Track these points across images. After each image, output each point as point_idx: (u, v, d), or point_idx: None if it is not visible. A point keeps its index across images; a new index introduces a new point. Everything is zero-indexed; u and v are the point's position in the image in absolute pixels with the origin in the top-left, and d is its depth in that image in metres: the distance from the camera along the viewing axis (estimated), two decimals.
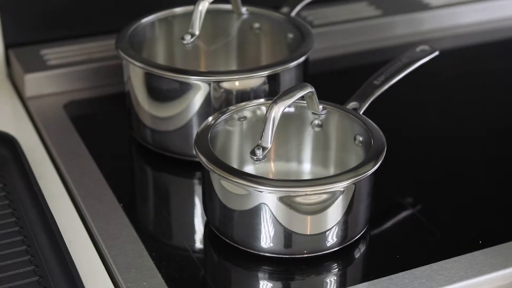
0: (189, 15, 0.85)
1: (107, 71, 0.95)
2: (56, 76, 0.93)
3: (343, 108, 0.75)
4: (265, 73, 0.79)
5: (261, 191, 0.66)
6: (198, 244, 0.73)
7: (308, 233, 0.67)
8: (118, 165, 0.83)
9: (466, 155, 0.85)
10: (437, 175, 0.82)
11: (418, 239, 0.73)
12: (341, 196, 0.67)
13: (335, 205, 0.67)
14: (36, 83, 0.93)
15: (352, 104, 0.76)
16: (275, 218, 0.66)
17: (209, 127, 0.71)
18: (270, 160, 0.77)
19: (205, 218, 0.74)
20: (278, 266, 0.69)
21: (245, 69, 0.84)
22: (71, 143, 0.84)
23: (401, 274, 0.67)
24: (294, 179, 0.76)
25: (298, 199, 0.66)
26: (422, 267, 0.68)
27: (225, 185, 0.67)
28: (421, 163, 0.84)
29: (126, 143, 0.87)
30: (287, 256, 0.68)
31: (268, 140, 0.68)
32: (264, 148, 0.68)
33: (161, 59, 0.90)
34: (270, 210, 0.66)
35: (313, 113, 0.75)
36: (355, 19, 1.06)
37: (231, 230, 0.69)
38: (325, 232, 0.68)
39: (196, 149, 0.69)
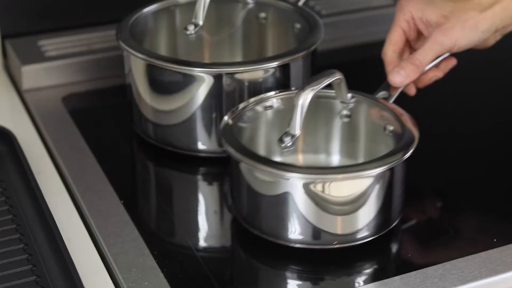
0: (192, 5, 0.85)
1: (107, 63, 0.94)
2: (54, 68, 0.93)
3: (372, 97, 0.75)
4: (272, 65, 0.79)
5: (288, 179, 0.66)
6: (202, 242, 0.73)
7: (339, 222, 0.67)
8: (119, 160, 0.83)
9: (484, 150, 0.84)
10: (455, 171, 0.81)
11: (431, 237, 0.72)
12: (373, 185, 0.66)
13: (366, 194, 0.67)
14: (34, 75, 0.93)
15: (381, 94, 0.76)
16: (305, 207, 0.66)
17: (235, 117, 0.72)
18: (298, 152, 0.77)
19: (208, 216, 0.74)
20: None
21: (250, 61, 0.83)
22: (70, 137, 0.84)
23: (413, 273, 0.66)
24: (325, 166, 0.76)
25: (329, 187, 0.66)
26: (434, 266, 0.67)
27: (254, 175, 0.67)
28: (441, 158, 0.83)
29: (127, 137, 0.87)
30: (317, 247, 0.68)
31: (297, 127, 0.68)
32: (292, 136, 0.68)
33: (163, 50, 0.89)
34: (300, 198, 0.66)
35: (341, 102, 0.75)
36: (365, 9, 1.06)
37: (259, 221, 0.69)
38: (356, 222, 0.68)
39: (223, 140, 0.69)
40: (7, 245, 0.67)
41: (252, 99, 0.75)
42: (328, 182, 0.65)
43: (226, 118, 0.72)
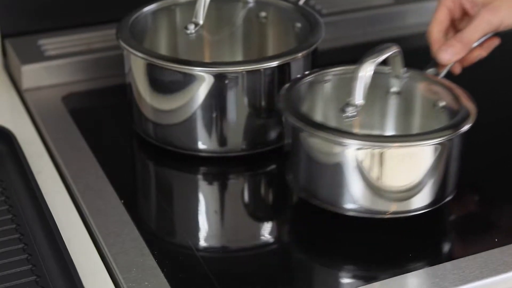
0: (192, 4, 0.85)
1: (107, 62, 0.94)
2: (54, 67, 0.93)
3: (424, 73, 0.77)
4: (272, 64, 0.78)
5: (347, 145, 0.68)
6: (202, 242, 0.72)
7: (394, 194, 0.69)
8: (119, 160, 0.83)
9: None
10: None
11: (431, 237, 0.72)
12: (429, 156, 0.68)
13: (422, 166, 0.68)
14: (34, 74, 0.92)
15: (430, 71, 0.78)
16: (361, 176, 0.68)
17: (292, 90, 0.73)
18: (353, 127, 0.78)
19: (208, 216, 0.74)
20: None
21: (251, 60, 0.83)
22: (70, 137, 0.84)
23: (413, 273, 0.66)
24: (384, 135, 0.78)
25: (386, 155, 0.67)
26: (435, 266, 0.67)
27: (314, 142, 0.69)
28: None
29: (127, 137, 0.87)
30: (370, 216, 0.70)
31: (360, 96, 0.70)
32: (354, 106, 0.70)
33: (163, 49, 0.89)
34: (357, 167, 0.68)
35: (394, 77, 0.76)
36: (365, 8, 1.06)
37: (317, 189, 0.71)
38: (410, 193, 0.69)
39: (285, 111, 0.71)
40: (7, 245, 0.67)
41: (307, 73, 0.76)
42: (386, 150, 0.67)
43: (284, 90, 0.74)
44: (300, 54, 0.79)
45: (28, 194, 0.72)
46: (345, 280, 0.68)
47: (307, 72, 0.77)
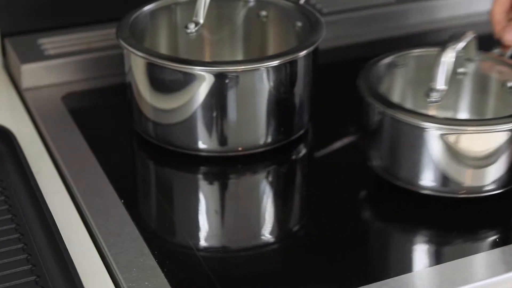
0: (193, 3, 0.85)
1: (107, 61, 0.94)
2: (54, 67, 0.93)
3: (491, 54, 0.80)
4: (273, 63, 0.78)
5: (427, 128, 0.71)
6: (202, 242, 0.72)
7: (469, 174, 0.73)
8: (119, 160, 0.83)
9: None
10: None
11: (432, 237, 0.72)
12: (504, 139, 0.71)
13: (497, 149, 0.71)
14: (33, 74, 0.92)
15: (496, 51, 0.81)
16: (439, 156, 0.72)
17: (372, 71, 0.77)
18: (429, 110, 0.81)
19: (208, 215, 0.74)
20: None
21: (251, 59, 0.84)
22: (69, 136, 0.83)
23: (414, 273, 0.67)
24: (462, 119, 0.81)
25: (466, 137, 0.71)
26: (438, 265, 0.67)
27: (395, 123, 0.73)
28: None
29: (127, 136, 0.87)
30: (445, 195, 0.73)
31: (442, 82, 0.73)
32: (438, 91, 0.73)
33: (163, 48, 0.89)
34: (435, 148, 0.71)
35: (467, 59, 0.80)
36: (367, 7, 1.06)
37: (397, 169, 0.74)
38: (484, 175, 0.73)
39: (366, 93, 0.74)
40: (7, 245, 0.66)
41: (385, 55, 0.79)
42: (464, 133, 0.71)
43: (363, 73, 0.76)
44: (301, 53, 0.79)
45: (27, 193, 0.71)
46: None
47: (384, 54, 0.79)
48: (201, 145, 0.80)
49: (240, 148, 0.80)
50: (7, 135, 0.78)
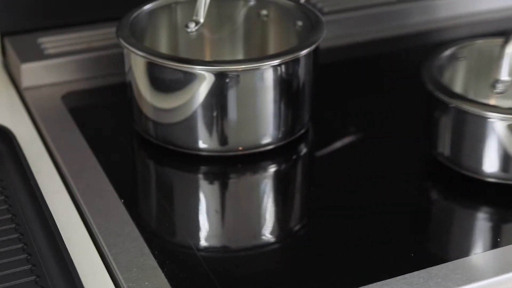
0: (193, 2, 0.85)
1: (107, 61, 0.94)
2: (54, 66, 0.93)
3: None
4: (273, 62, 0.78)
5: (492, 119, 0.73)
6: (203, 242, 0.72)
7: None
8: (119, 159, 0.83)
9: None
10: None
11: (433, 236, 0.72)
12: None
13: None
14: (33, 73, 0.92)
15: None
16: (503, 145, 0.74)
17: (434, 62, 0.78)
18: (490, 100, 0.83)
19: (209, 215, 0.73)
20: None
21: (252, 59, 0.83)
22: (69, 136, 0.83)
23: (416, 273, 0.66)
24: None
25: None
26: (438, 265, 0.67)
27: (460, 114, 0.75)
28: None
29: (127, 136, 0.86)
30: (507, 182, 0.75)
31: (506, 72, 0.75)
32: (503, 82, 0.75)
33: (164, 48, 0.89)
34: (500, 137, 0.74)
35: None
36: (367, 6, 1.05)
37: (460, 158, 0.77)
38: None
39: (431, 85, 0.76)
40: (6, 245, 0.66)
41: (446, 46, 0.80)
42: None
43: (426, 62, 0.78)
44: (301, 53, 0.79)
45: (27, 193, 0.71)
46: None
47: (445, 46, 0.81)
48: (202, 144, 0.80)
49: (240, 148, 0.80)
50: (6, 134, 0.77)
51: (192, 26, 0.84)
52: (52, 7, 0.97)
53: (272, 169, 0.82)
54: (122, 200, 0.74)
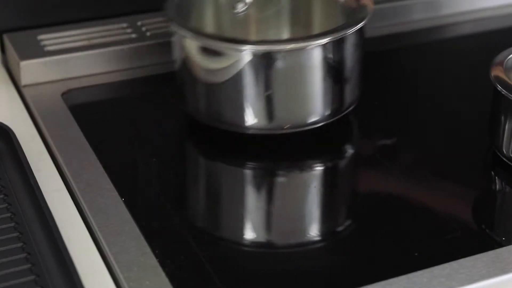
0: None
1: (108, 58, 0.94)
2: (54, 63, 0.93)
3: None
4: (321, 41, 0.77)
5: None
6: (204, 241, 0.72)
7: None
8: (120, 157, 0.83)
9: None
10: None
11: (437, 236, 0.72)
12: None
13: None
14: (33, 70, 0.92)
15: None
16: None
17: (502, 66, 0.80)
18: None
19: (211, 215, 0.72)
20: None
21: (299, 38, 0.83)
22: (69, 133, 0.83)
23: (419, 272, 0.66)
24: None
25: None
26: (441, 265, 0.66)
27: None
28: None
29: (128, 134, 0.86)
30: None
31: None
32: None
33: (209, 27, 0.89)
34: None
35: None
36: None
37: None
38: None
39: (499, 85, 0.76)
40: (6, 244, 0.66)
41: None
42: None
43: (495, 61, 0.80)
44: (349, 31, 0.78)
45: (27, 191, 0.71)
46: None
47: None
48: (250, 122, 0.80)
49: (287, 126, 0.80)
50: (6, 132, 0.77)
51: (240, 7, 0.84)
52: (52, 3, 0.97)
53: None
54: (123, 199, 0.74)
